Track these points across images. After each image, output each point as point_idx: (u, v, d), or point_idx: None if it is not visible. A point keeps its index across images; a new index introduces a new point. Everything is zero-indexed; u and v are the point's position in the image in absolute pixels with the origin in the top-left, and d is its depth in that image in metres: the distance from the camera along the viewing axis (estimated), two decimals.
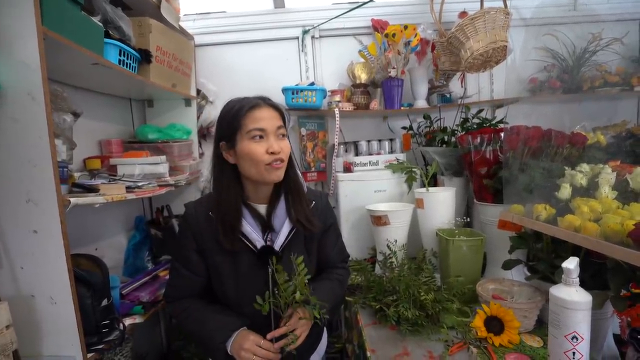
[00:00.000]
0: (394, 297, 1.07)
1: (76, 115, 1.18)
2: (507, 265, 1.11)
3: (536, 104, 1.67)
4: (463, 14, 1.52)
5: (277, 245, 0.92)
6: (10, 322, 0.82)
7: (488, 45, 1.22)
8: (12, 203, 0.89)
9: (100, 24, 1.12)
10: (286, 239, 0.93)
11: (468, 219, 1.32)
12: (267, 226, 0.93)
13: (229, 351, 0.86)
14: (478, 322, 0.93)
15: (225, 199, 0.90)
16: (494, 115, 1.79)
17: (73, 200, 0.93)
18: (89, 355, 0.96)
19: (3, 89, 0.85)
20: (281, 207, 0.95)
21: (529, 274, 1.05)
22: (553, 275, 0.92)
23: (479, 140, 1.31)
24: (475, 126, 1.53)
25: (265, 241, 0.93)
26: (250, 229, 0.91)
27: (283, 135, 0.91)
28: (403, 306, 1.02)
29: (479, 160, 1.32)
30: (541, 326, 0.97)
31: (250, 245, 0.91)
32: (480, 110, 1.58)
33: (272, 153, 0.86)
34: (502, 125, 1.42)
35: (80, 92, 1.36)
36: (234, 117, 0.87)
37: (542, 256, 1.01)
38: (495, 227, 1.19)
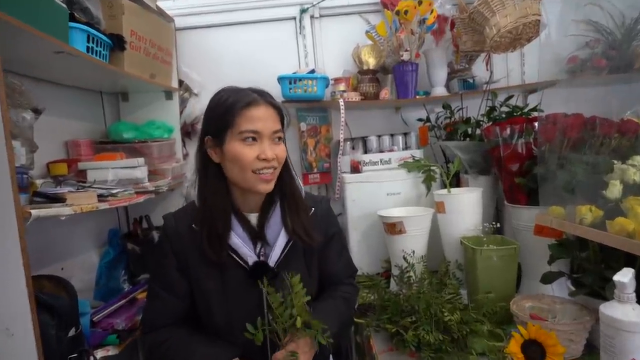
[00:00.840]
0: (413, 318, 1.04)
1: (37, 112, 1.16)
2: (547, 279, 1.09)
3: (577, 87, 1.65)
4: None
5: (272, 260, 0.91)
6: None
7: (517, 20, 1.20)
8: None
9: (64, 5, 1.11)
10: (282, 253, 0.92)
11: (498, 225, 1.29)
12: (259, 238, 0.92)
13: None
14: (514, 347, 0.90)
15: (211, 205, 0.89)
16: (526, 103, 1.77)
17: (34, 212, 0.92)
18: None
19: None
20: (276, 217, 0.93)
21: (573, 288, 1.02)
22: (603, 290, 0.88)
23: (509, 131, 1.29)
24: (504, 116, 1.51)
25: (258, 256, 0.91)
26: (240, 242, 0.89)
27: (279, 139, 0.90)
28: (424, 329, 0.99)
29: (509, 155, 1.29)
30: (591, 352, 0.94)
31: (240, 261, 0.89)
32: (510, 97, 1.56)
33: (264, 159, 0.85)
34: (535, 114, 1.40)
35: (42, 85, 1.35)
36: (226, 112, 0.86)
37: (588, 267, 0.98)
38: (531, 233, 1.17)
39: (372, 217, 1.51)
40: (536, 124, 1.26)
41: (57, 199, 1.08)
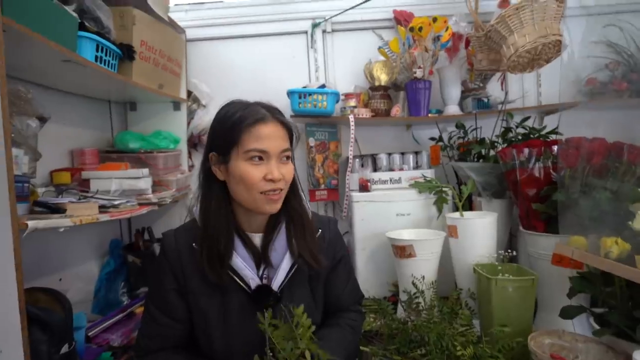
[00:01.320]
0: (423, 350, 0.98)
1: (43, 120, 1.15)
2: (567, 314, 1.02)
3: (597, 110, 1.60)
4: (504, 3, 1.48)
5: (276, 284, 0.86)
6: None
7: (537, 40, 1.16)
8: None
9: (75, 14, 1.10)
10: (286, 276, 0.87)
11: (514, 253, 1.24)
12: (262, 260, 0.87)
13: None
14: None
15: (213, 224, 0.84)
16: (541, 124, 1.72)
17: (31, 224, 0.88)
18: None
19: None
20: (281, 239, 0.89)
21: (596, 326, 0.96)
22: (632, 330, 0.82)
23: (526, 154, 1.24)
24: (520, 137, 1.46)
25: (261, 279, 0.86)
26: (242, 264, 0.85)
27: (287, 158, 0.86)
28: None
29: (526, 179, 1.25)
30: None
31: (242, 284, 0.85)
32: (526, 118, 1.52)
33: (271, 180, 0.81)
34: (554, 137, 1.35)
35: (50, 93, 1.34)
36: (232, 128, 0.82)
37: (614, 304, 0.92)
38: (548, 263, 1.12)
39: (380, 237, 1.46)
40: (555, 147, 1.21)
41: (57, 210, 1.05)
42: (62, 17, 1.05)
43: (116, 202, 1.25)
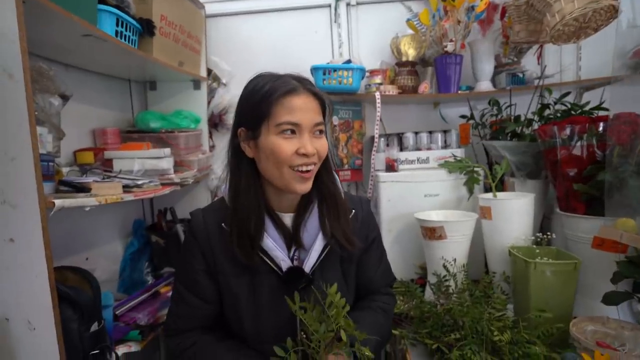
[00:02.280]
0: (457, 335, 0.96)
1: (65, 98, 1.14)
2: (612, 300, 0.97)
3: None
4: None
5: (307, 266, 0.84)
6: None
7: (587, 6, 1.07)
8: None
9: None
10: (318, 258, 0.85)
11: (553, 235, 1.18)
12: (293, 241, 0.85)
13: None
14: None
15: (243, 203, 0.81)
16: (580, 101, 1.62)
17: (58, 202, 0.88)
18: None
19: None
20: (313, 219, 0.85)
21: None
22: None
23: (568, 132, 1.17)
24: (559, 114, 1.38)
25: (292, 260, 0.84)
26: (273, 245, 0.82)
27: (321, 132, 0.81)
28: (470, 348, 0.91)
29: (567, 158, 1.18)
30: None
31: (273, 266, 0.83)
32: (566, 94, 1.43)
33: (304, 155, 0.77)
34: (601, 113, 1.26)
35: (71, 71, 1.33)
36: (262, 101, 0.77)
37: None
38: (588, 246, 1.06)
39: (407, 218, 1.43)
40: (601, 124, 1.13)
41: (83, 189, 1.05)
42: None
43: (139, 182, 1.26)
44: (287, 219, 0.86)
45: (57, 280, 0.89)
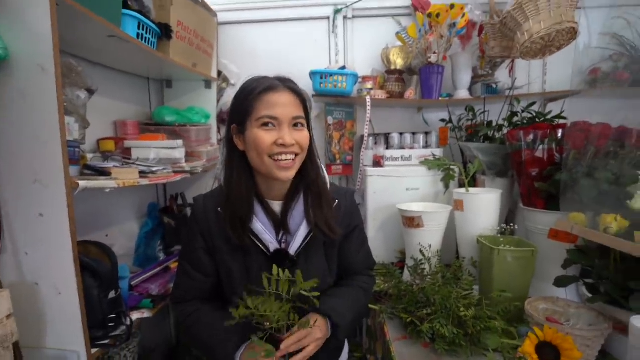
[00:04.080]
0: (429, 310, 0.98)
1: (91, 92, 1.14)
2: (561, 282, 1.01)
3: (598, 98, 1.52)
4: None
5: (293, 249, 0.86)
6: (11, 312, 0.79)
7: (552, 27, 1.09)
8: (20, 183, 0.85)
9: None
10: (302, 242, 0.86)
11: (516, 227, 1.21)
12: (281, 226, 0.86)
13: None
14: (529, 347, 0.83)
15: (235, 190, 0.83)
16: (545, 110, 1.65)
17: (82, 183, 0.89)
18: (94, 350, 0.93)
19: (11, 58, 0.81)
20: (299, 207, 0.87)
21: (588, 294, 0.94)
22: (625, 300, 0.80)
23: (532, 136, 1.19)
24: (525, 121, 1.41)
25: (280, 243, 0.86)
26: (262, 228, 0.84)
27: (302, 125, 0.82)
28: (439, 322, 0.93)
29: (530, 159, 1.21)
30: (604, 359, 0.86)
31: (262, 247, 0.84)
32: (532, 104, 1.45)
33: (282, 145, 0.77)
34: (561, 121, 1.29)
35: (97, 68, 1.33)
36: (246, 99, 0.79)
37: (607, 275, 0.90)
38: (545, 237, 1.09)
39: (390, 209, 1.45)
40: (560, 131, 1.16)
41: (104, 173, 1.06)
42: None
43: (154, 169, 1.26)
44: (276, 206, 0.88)
45: (81, 253, 0.91)
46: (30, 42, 0.80)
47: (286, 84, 0.81)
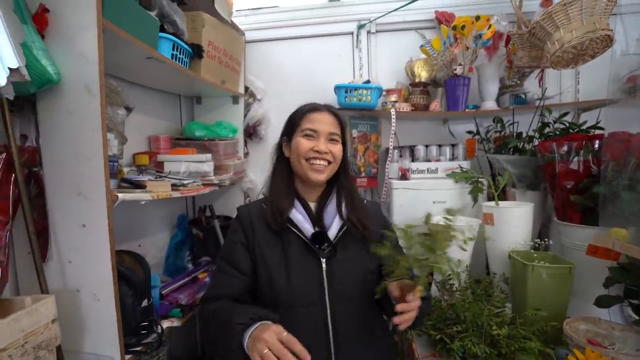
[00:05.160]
0: (459, 327, 0.95)
1: (129, 109, 1.21)
2: (604, 302, 0.95)
3: (636, 107, 1.45)
4: (547, 2, 1.36)
5: (330, 237, 0.92)
6: (56, 317, 0.84)
7: (584, 36, 1.06)
8: (65, 195, 0.92)
9: (156, 18, 1.15)
10: (338, 233, 0.92)
11: (550, 242, 1.16)
12: (317, 223, 0.94)
13: (245, 346, 0.74)
14: None
15: (277, 189, 0.96)
16: (578, 121, 1.59)
17: (121, 195, 0.95)
18: (127, 357, 0.96)
19: (61, 81, 0.88)
20: (332, 205, 0.97)
21: (635, 316, 0.88)
22: None
23: (566, 148, 1.15)
24: (558, 132, 1.36)
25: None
26: (302, 218, 0.93)
27: (337, 141, 0.96)
28: (471, 340, 0.90)
29: (565, 171, 1.16)
30: None
31: (301, 235, 0.90)
32: (565, 114, 1.40)
33: (317, 151, 0.92)
34: (597, 132, 1.24)
35: (133, 87, 1.41)
36: (295, 116, 0.98)
37: None
38: (582, 253, 1.04)
39: (417, 222, 1.41)
40: (597, 141, 1.12)
41: (140, 186, 1.11)
42: (147, 21, 1.09)
43: (185, 182, 1.31)
44: (312, 207, 0.97)
45: (117, 262, 0.95)
46: (79, 65, 0.87)
47: (327, 107, 0.99)
